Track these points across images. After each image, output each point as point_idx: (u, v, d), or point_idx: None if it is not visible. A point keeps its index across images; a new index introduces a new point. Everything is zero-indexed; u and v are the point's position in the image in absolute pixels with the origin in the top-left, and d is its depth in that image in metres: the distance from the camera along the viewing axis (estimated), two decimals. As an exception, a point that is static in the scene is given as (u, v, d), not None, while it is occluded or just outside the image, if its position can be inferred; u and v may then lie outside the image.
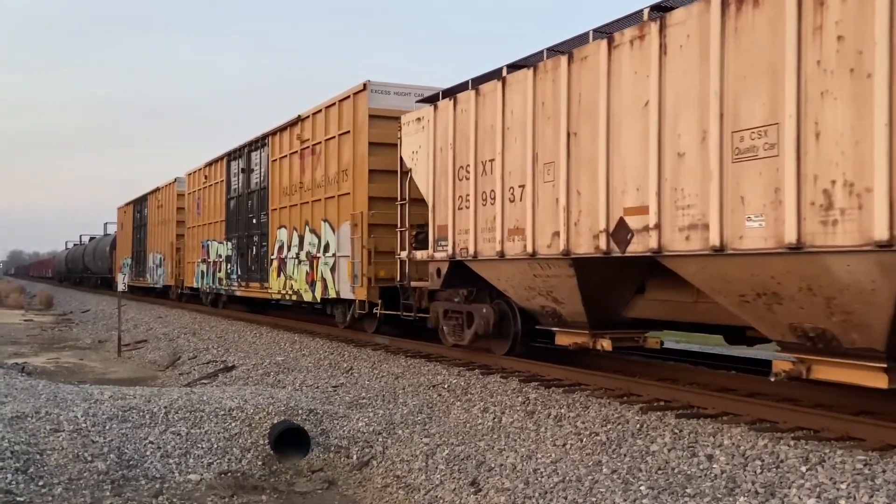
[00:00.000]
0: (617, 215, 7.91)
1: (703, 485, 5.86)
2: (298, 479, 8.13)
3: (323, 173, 15.31)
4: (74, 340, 23.22)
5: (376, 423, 8.97)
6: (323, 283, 15.14)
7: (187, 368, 15.79)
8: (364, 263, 13.36)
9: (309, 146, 15.96)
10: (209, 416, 9.04)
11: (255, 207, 19.44)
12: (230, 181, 21.48)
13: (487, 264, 10.18)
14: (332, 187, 14.89)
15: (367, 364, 12.39)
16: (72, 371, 16.35)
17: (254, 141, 19.58)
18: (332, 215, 14.84)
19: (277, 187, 17.83)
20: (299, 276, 16.33)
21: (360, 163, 13.78)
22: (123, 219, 39.12)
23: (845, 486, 5.35)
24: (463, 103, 10.60)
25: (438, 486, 7.09)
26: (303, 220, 16.29)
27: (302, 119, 16.44)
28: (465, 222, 10.48)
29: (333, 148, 14.87)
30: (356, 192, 13.86)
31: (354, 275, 13.61)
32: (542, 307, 9.68)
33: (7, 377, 12.12)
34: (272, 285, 18.05)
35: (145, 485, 7.71)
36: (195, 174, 24.94)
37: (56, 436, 8.25)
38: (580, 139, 8.41)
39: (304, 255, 16.05)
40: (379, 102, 13.81)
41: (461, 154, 10.59)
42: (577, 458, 6.89)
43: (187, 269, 26.09)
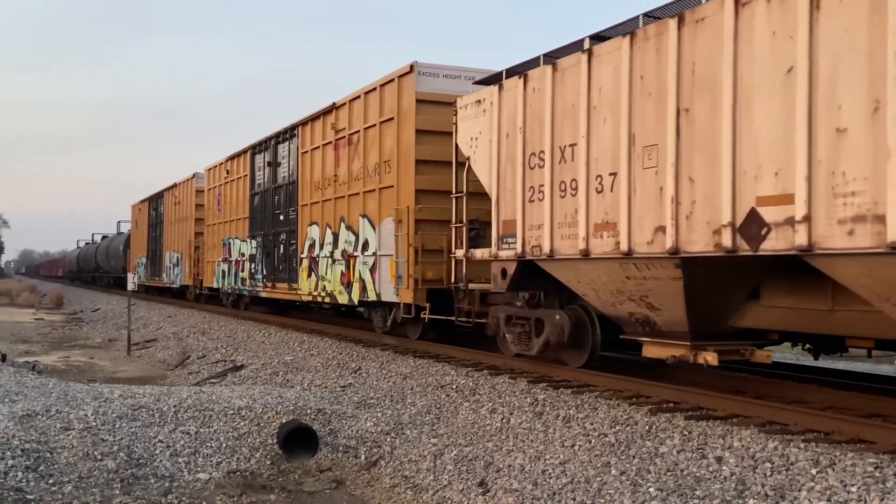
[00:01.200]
0: (747, 206, 6.65)
1: (713, 487, 5.83)
2: (307, 479, 8.14)
3: (361, 165, 14.07)
4: (85, 339, 23.33)
5: (384, 424, 8.97)
6: (361, 285, 13.94)
7: (196, 368, 15.84)
8: (410, 263, 12.17)
9: (345, 136, 14.72)
10: (218, 416, 9.07)
11: (283, 203, 18.20)
12: (254, 176, 20.27)
13: (565, 265, 8.97)
14: (373, 180, 13.66)
15: (375, 364, 12.40)
16: (82, 370, 16.43)
17: (281, 132, 18.27)
18: (373, 210, 13.60)
19: (308, 181, 16.54)
20: (333, 277, 15.10)
21: (406, 152, 12.59)
22: (138, 216, 37.96)
23: (856, 490, 5.32)
24: (536, 81, 9.32)
25: (447, 487, 7.09)
26: (337, 215, 15.03)
27: (337, 107, 15.15)
28: (537, 217, 9.25)
29: (374, 137, 13.65)
30: (401, 184, 12.69)
31: (398, 275, 12.48)
32: (631, 314, 8.50)
33: (18, 375, 12.19)
34: (302, 286, 16.79)
35: (155, 483, 7.74)
36: (215, 169, 23.80)
37: (66, 434, 8.29)
38: (694, 116, 7.20)
39: (339, 254, 14.85)
40: (427, 86, 12.56)
41: (533, 139, 9.34)
42: (586, 459, 6.88)
43: (207, 268, 24.90)
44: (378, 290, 13.29)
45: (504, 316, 10.54)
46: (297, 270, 17.07)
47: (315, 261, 15.97)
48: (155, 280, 33.25)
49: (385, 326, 13.87)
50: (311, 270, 16.24)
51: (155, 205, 33.95)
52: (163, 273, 31.80)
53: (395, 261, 12.59)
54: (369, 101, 13.88)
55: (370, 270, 13.56)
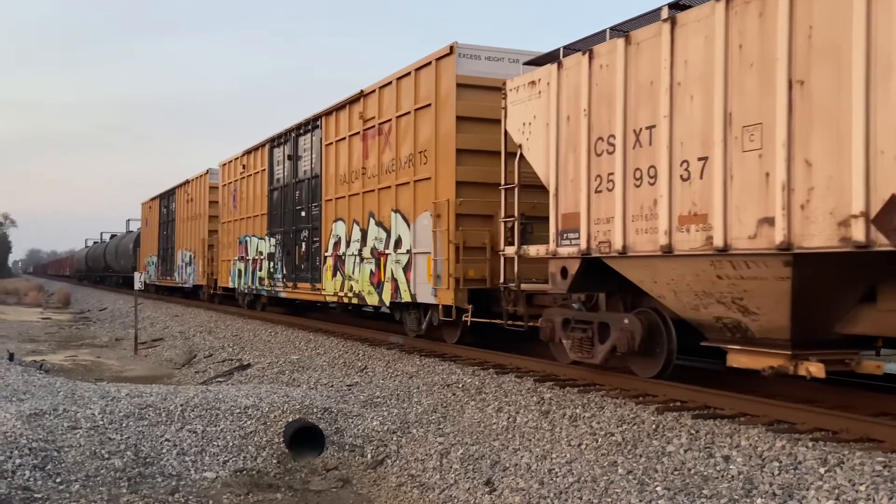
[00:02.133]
0: (886, 192, 5.77)
1: (720, 486, 5.82)
2: (313, 478, 8.15)
3: (393, 156, 13.17)
4: (92, 338, 23.40)
5: (391, 422, 8.97)
6: (393, 285, 13.05)
7: (203, 367, 15.88)
8: (450, 261, 11.30)
9: (374, 126, 13.79)
10: (225, 414, 9.08)
11: (305, 198, 17.34)
12: (273, 170, 19.41)
13: (640, 263, 8.02)
14: (406, 172, 12.78)
15: (381, 363, 12.40)
16: (89, 369, 16.48)
17: (302, 123, 17.36)
18: (406, 205, 12.74)
19: (333, 175, 15.69)
20: (361, 276, 14.20)
21: (445, 141, 11.71)
22: (148, 214, 37.13)
23: (864, 489, 5.30)
24: (604, 57, 8.39)
25: (453, 486, 7.08)
26: (366, 211, 14.16)
27: (365, 95, 14.21)
28: (606, 208, 8.31)
29: (408, 126, 12.75)
30: (439, 176, 11.82)
31: (437, 275, 11.59)
32: (718, 319, 7.50)
33: (25, 374, 12.23)
34: (326, 286, 15.89)
35: (162, 482, 7.76)
36: (231, 164, 23.05)
37: (73, 433, 8.31)
38: (811, 89, 6.26)
39: (369, 252, 13.96)
40: (467, 69, 11.64)
41: (600, 122, 8.41)
42: (593, 458, 6.86)
43: (222, 267, 24.03)
44: (413, 291, 12.44)
45: (560, 320, 9.59)
46: (321, 269, 16.25)
47: (341, 259, 15.16)
48: (167, 280, 32.54)
49: (419, 330, 13.03)
50: (336, 269, 15.41)
51: (166, 202, 33.20)
52: (174, 272, 31.07)
53: (434, 259, 11.74)
54: (402, 87, 13.00)
55: (404, 269, 12.76)
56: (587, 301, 9.49)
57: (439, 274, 11.57)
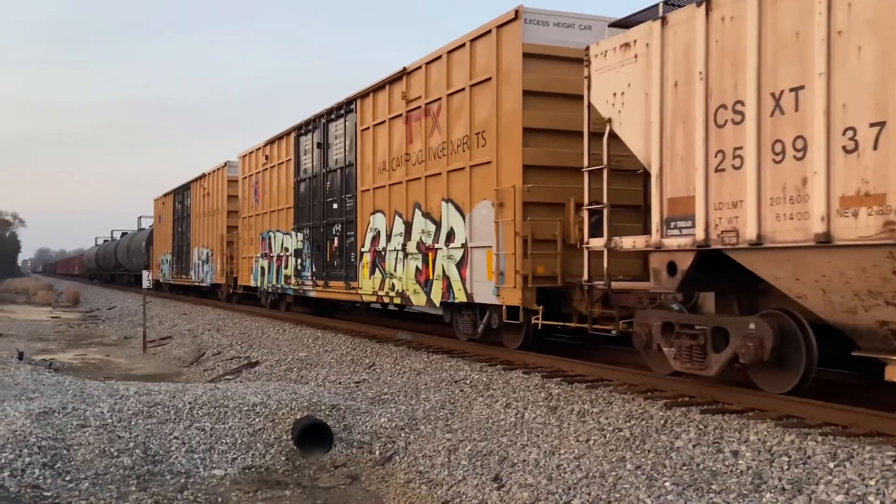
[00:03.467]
0: None
1: (729, 481, 5.80)
2: (321, 475, 8.16)
3: (443, 140, 11.89)
4: (101, 337, 23.50)
5: (399, 419, 8.98)
6: (444, 283, 11.81)
7: (211, 364, 15.92)
8: (517, 256, 10.04)
9: (420, 106, 12.53)
10: (233, 412, 9.10)
11: (337, 189, 16.02)
12: (299, 160, 18.04)
13: (781, 256, 6.70)
14: (460, 157, 11.51)
15: (389, 360, 12.41)
16: (98, 367, 16.55)
17: (334, 108, 15.99)
18: (460, 193, 11.49)
19: (370, 162, 14.34)
20: (406, 274, 12.97)
21: (509, 120, 10.37)
22: (162, 210, 35.54)
23: (874, 483, 5.28)
24: (727, 7, 7.15)
25: (461, 482, 7.08)
26: (410, 201, 12.92)
27: (408, 72, 12.94)
28: (731, 190, 7.02)
29: (461, 105, 11.50)
30: (501, 159, 10.53)
31: (500, 272, 10.36)
32: (884, 324, 6.24)
33: (35, 373, 12.29)
34: (363, 285, 14.56)
35: (170, 480, 7.78)
36: (251, 156, 21.68)
37: (83, 431, 8.35)
38: None
39: (414, 247, 12.73)
40: (534, 36, 10.24)
41: (723, 86, 7.16)
42: (601, 453, 6.85)
43: (242, 265, 22.64)
44: (469, 290, 11.18)
45: (659, 324, 8.25)
46: (357, 267, 14.92)
47: (380, 255, 13.86)
48: (182, 278, 31.18)
49: (474, 333, 11.67)
50: (374, 266, 14.14)
51: (181, 197, 31.73)
52: (190, 271, 29.66)
53: (496, 254, 10.48)
54: (454, 61, 11.71)
55: (457, 266, 11.52)
56: (687, 301, 8.20)
57: (502, 271, 10.34)
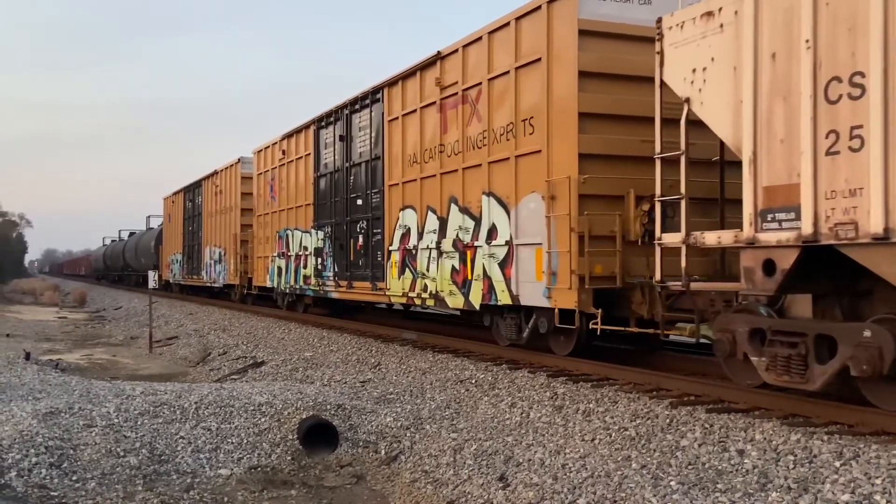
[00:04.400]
0: None
1: (735, 480, 5.79)
2: (327, 474, 8.18)
3: (484, 128, 11.03)
4: (107, 337, 23.57)
5: (404, 419, 8.99)
6: (486, 283, 10.92)
7: (217, 364, 15.95)
8: (572, 254, 9.19)
9: (456, 93, 11.67)
10: (239, 412, 9.12)
11: (361, 184, 15.11)
12: (319, 154, 17.15)
13: None
14: (503, 146, 10.62)
15: (394, 359, 12.42)
16: (104, 367, 16.59)
17: (358, 97, 15.05)
18: (504, 186, 10.59)
19: (399, 155, 13.50)
20: (440, 274, 12.10)
21: (563, 104, 9.48)
22: (171, 209, 34.38)
23: (880, 482, 5.27)
24: None
25: (466, 481, 7.08)
26: (445, 195, 12.05)
27: (443, 57, 12.06)
28: (850, 176, 6.14)
29: (504, 89, 10.60)
30: (553, 148, 9.64)
31: (551, 271, 9.51)
32: None
33: (41, 373, 12.34)
34: (391, 285, 13.70)
35: (177, 479, 7.80)
36: (267, 151, 20.76)
37: (89, 431, 8.37)
38: None
39: (450, 245, 11.86)
40: (590, 11, 9.43)
41: (836, 56, 6.27)
42: (606, 453, 6.85)
43: (258, 265, 21.73)
44: (515, 291, 10.28)
45: (746, 330, 7.32)
46: (384, 266, 14.02)
47: (410, 254, 13.03)
48: (193, 279, 30.18)
49: (518, 338, 10.74)
50: (404, 266, 13.30)
51: (191, 195, 30.75)
52: (202, 271, 28.64)
53: (547, 252, 9.60)
54: (496, 42, 10.83)
55: (500, 265, 10.63)
56: (773, 304, 7.28)
57: (554, 270, 9.49)
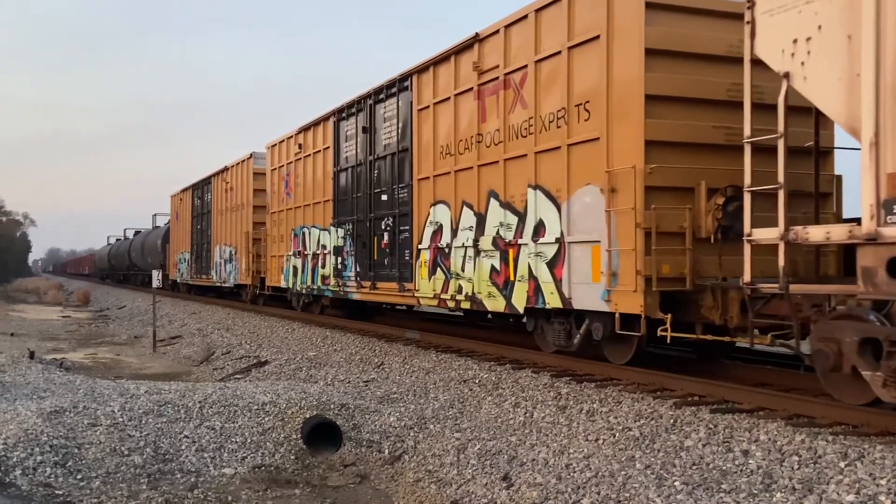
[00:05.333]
0: None
1: (739, 480, 5.78)
2: (331, 474, 8.18)
3: (530, 115, 10.04)
4: (111, 336, 23.60)
5: (408, 418, 8.99)
6: (531, 285, 9.93)
7: (221, 363, 15.97)
8: (637, 253, 8.29)
9: (497, 77, 10.73)
10: (243, 411, 9.13)
11: (387, 179, 14.19)
12: (340, 147, 16.21)
13: None
14: (553, 134, 9.60)
15: (398, 359, 12.42)
16: (108, 366, 16.61)
17: (384, 86, 14.12)
18: (553, 178, 9.61)
19: (429, 146, 12.56)
20: (478, 274, 11.16)
21: (625, 87, 8.56)
22: (179, 207, 33.40)
23: (885, 482, 5.26)
24: None
25: (470, 481, 7.08)
26: (483, 189, 11.06)
27: (481, 38, 11.09)
28: None
29: (555, 71, 9.59)
30: (614, 135, 8.72)
31: (612, 272, 8.62)
32: None
33: (46, 372, 12.36)
34: (420, 286, 12.81)
35: (181, 478, 7.81)
36: (281, 145, 19.81)
37: (93, 430, 8.39)
38: None
39: (489, 243, 10.89)
40: None
41: None
42: (610, 453, 6.84)
43: (271, 264, 20.81)
44: (567, 294, 9.33)
45: (855, 340, 6.49)
46: (412, 266, 13.18)
47: (443, 252, 12.14)
48: (202, 279, 29.17)
49: (568, 344, 9.80)
50: (435, 265, 12.42)
51: (200, 193, 29.77)
52: (211, 270, 27.58)
53: (607, 250, 8.70)
54: (545, 20, 9.86)
55: (549, 265, 9.68)
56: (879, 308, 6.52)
57: (615, 271, 8.61)
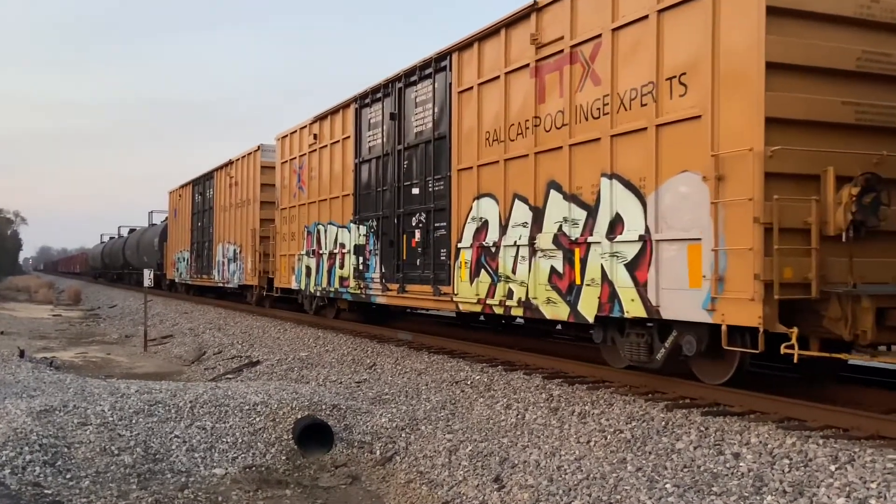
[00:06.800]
0: None
1: (730, 483, 5.79)
2: (322, 474, 8.16)
3: (605, 92, 8.69)
4: (102, 335, 23.51)
5: (399, 419, 8.98)
6: (605, 290, 8.54)
7: (212, 363, 15.92)
8: (755, 253, 6.85)
9: (562, 51, 9.31)
10: (234, 411, 9.10)
11: (419, 170, 12.89)
12: (361, 137, 14.89)
13: None
14: (635, 114, 8.26)
15: (390, 360, 12.41)
16: (99, 365, 16.55)
17: (416, 67, 12.85)
18: (634, 165, 8.28)
19: (472, 133, 11.20)
20: (533, 277, 9.75)
21: (741, 54, 7.08)
22: (178, 204, 31.85)
23: (875, 486, 5.27)
24: None
25: (462, 483, 7.08)
26: (541, 179, 9.71)
27: (540, 7, 9.74)
28: None
29: (638, 41, 8.27)
30: (722, 112, 7.25)
31: (718, 276, 7.15)
32: None
33: (36, 371, 12.31)
34: (459, 290, 11.48)
35: (171, 478, 7.78)
36: (293, 136, 18.43)
37: (83, 429, 8.35)
38: None
39: (549, 241, 9.49)
40: None
41: None
42: (602, 455, 6.85)
43: (280, 264, 19.50)
44: (654, 301, 7.93)
45: None
46: (449, 267, 11.85)
47: (488, 252, 10.78)
48: (202, 279, 27.69)
49: (649, 360, 8.38)
50: (478, 266, 11.10)
51: (201, 188, 28.18)
52: (213, 270, 26.11)
53: (713, 249, 7.21)
54: None
55: (629, 267, 8.32)
56: None
57: (722, 275, 7.16)
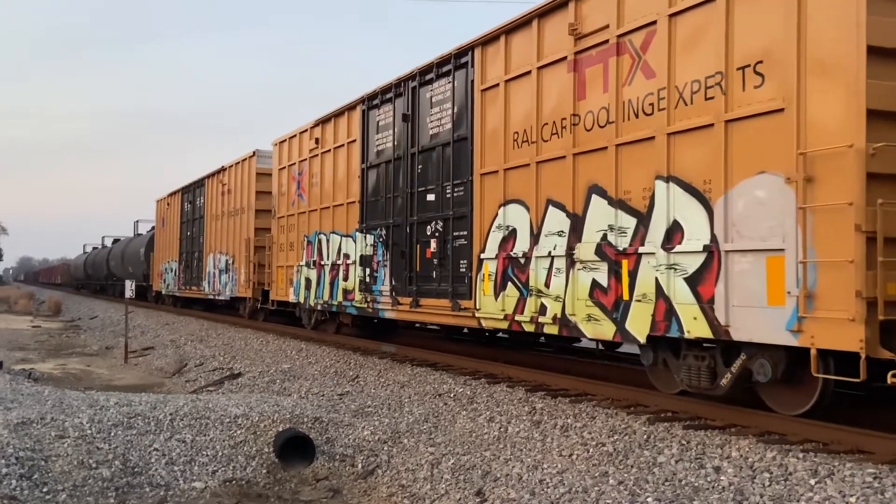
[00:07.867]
0: None
1: (711, 497, 5.81)
2: (303, 488, 8.10)
3: (660, 86, 7.89)
4: (82, 347, 23.27)
5: (382, 432, 8.94)
6: (660, 307, 7.77)
7: (193, 375, 15.79)
8: (857, 267, 6.05)
9: (607, 41, 8.57)
10: (214, 424, 9.03)
11: (434, 175, 12.13)
12: (368, 140, 14.15)
13: None
14: (697, 109, 7.47)
15: (373, 372, 12.36)
16: (78, 377, 16.37)
17: (432, 65, 12.05)
18: (697, 166, 7.45)
19: (498, 134, 10.43)
20: (571, 291, 8.96)
21: (835, 36, 6.29)
22: (166, 213, 30.88)
23: (854, 500, 5.31)
24: None
25: (444, 496, 7.05)
26: (581, 183, 8.95)
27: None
28: None
29: (701, 27, 7.49)
30: (810, 104, 6.45)
31: (807, 292, 6.37)
32: None
33: (14, 383, 12.15)
34: (482, 304, 10.67)
35: (150, 492, 7.70)
36: (292, 141, 17.64)
37: (61, 442, 8.25)
38: None
39: (591, 251, 8.72)
40: None
41: None
42: (584, 468, 6.84)
43: (278, 275, 18.72)
44: (723, 319, 7.09)
45: None
46: (470, 279, 11.04)
47: (517, 263, 9.99)
48: (192, 290, 26.80)
49: (711, 386, 7.63)
50: (505, 279, 10.25)
51: (190, 196, 27.24)
52: (203, 281, 25.28)
53: (799, 262, 6.43)
54: None
55: (690, 281, 7.49)
56: None
57: (812, 290, 6.35)
